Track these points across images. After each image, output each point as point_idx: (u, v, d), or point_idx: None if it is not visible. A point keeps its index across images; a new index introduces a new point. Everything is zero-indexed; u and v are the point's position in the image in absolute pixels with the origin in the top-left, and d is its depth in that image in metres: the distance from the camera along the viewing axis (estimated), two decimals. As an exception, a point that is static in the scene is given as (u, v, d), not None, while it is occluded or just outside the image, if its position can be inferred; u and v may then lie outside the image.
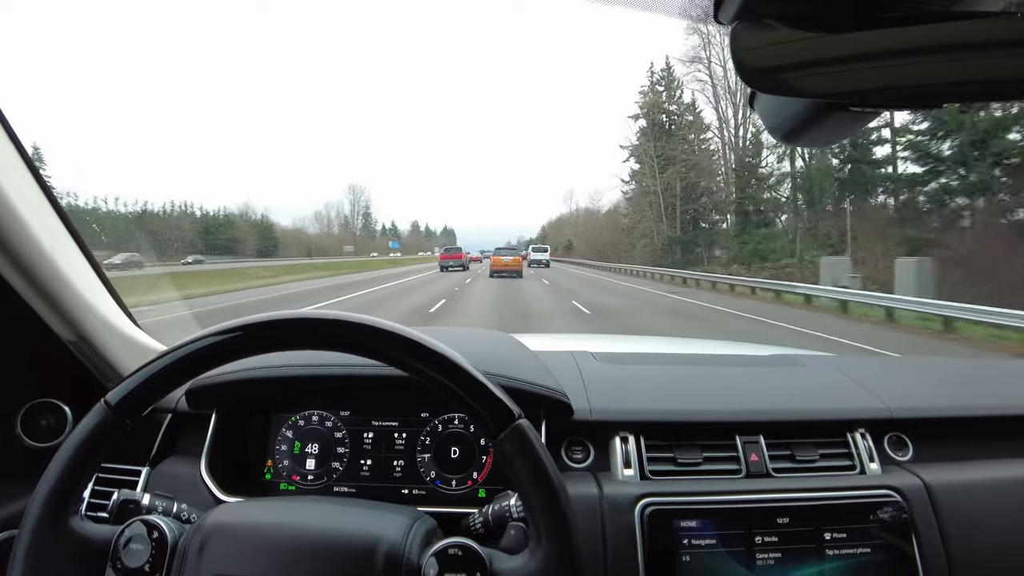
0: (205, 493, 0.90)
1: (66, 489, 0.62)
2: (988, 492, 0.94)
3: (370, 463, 0.98)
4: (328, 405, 1.00)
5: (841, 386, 1.12)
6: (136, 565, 0.62)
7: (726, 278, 21.45)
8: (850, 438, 0.99)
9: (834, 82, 0.43)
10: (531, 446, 0.62)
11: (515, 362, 1.00)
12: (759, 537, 0.84)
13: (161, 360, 0.64)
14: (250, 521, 0.66)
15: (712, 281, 21.42)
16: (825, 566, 0.84)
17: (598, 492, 0.88)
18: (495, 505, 0.76)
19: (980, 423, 1.06)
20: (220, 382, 0.94)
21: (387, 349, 0.63)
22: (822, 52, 0.42)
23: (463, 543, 0.61)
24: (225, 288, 17.72)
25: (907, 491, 0.90)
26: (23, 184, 0.86)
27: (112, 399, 0.63)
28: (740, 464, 0.94)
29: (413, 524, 0.66)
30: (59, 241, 0.92)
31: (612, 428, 0.97)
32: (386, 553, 0.61)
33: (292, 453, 0.99)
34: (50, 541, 0.61)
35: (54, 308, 0.92)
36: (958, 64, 0.42)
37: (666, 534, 0.84)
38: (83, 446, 0.63)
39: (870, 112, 0.47)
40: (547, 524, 0.60)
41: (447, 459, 0.97)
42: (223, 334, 0.64)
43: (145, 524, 0.64)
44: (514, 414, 0.63)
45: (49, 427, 0.99)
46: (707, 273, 24.90)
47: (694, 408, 1.01)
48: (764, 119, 0.52)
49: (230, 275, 25.21)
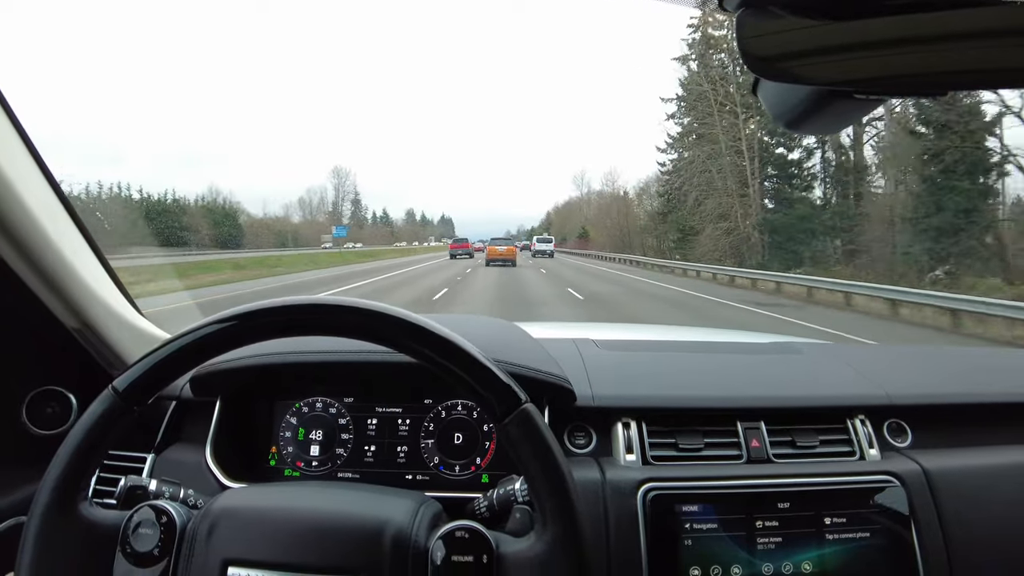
0: (211, 479, 0.91)
1: (75, 475, 0.63)
2: (986, 478, 0.95)
3: (374, 449, 0.99)
4: (332, 392, 1.01)
5: (841, 373, 1.13)
6: (145, 549, 0.63)
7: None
8: (850, 424, 1.00)
9: (838, 70, 0.43)
10: (537, 430, 0.63)
11: (518, 349, 1.00)
12: (760, 522, 0.85)
13: (168, 346, 0.64)
14: (258, 505, 0.67)
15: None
16: (825, 550, 0.85)
17: (600, 477, 0.89)
18: (500, 489, 0.77)
19: (978, 410, 1.07)
20: (224, 369, 0.95)
21: (394, 335, 0.64)
22: (827, 40, 0.42)
23: (470, 526, 0.62)
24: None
25: (906, 477, 0.91)
26: (29, 173, 0.86)
27: (120, 385, 0.64)
28: (741, 450, 0.95)
29: (420, 507, 0.66)
30: (64, 229, 0.92)
31: (614, 414, 0.98)
32: (393, 536, 0.61)
33: (296, 439, 1.00)
34: (59, 527, 0.62)
35: (59, 296, 0.92)
36: (962, 52, 0.42)
37: (668, 518, 0.85)
38: (91, 432, 0.63)
39: (874, 100, 0.47)
40: (553, 507, 0.61)
41: (451, 445, 0.98)
42: (230, 320, 0.64)
43: (153, 509, 0.65)
44: (520, 398, 0.63)
45: (54, 415, 1.00)
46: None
47: (695, 394, 1.02)
48: (768, 106, 0.53)
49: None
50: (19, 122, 0.85)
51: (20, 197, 0.82)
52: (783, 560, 0.84)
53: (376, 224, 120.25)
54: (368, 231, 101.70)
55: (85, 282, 0.95)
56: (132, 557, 0.63)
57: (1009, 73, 0.42)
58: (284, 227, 76.21)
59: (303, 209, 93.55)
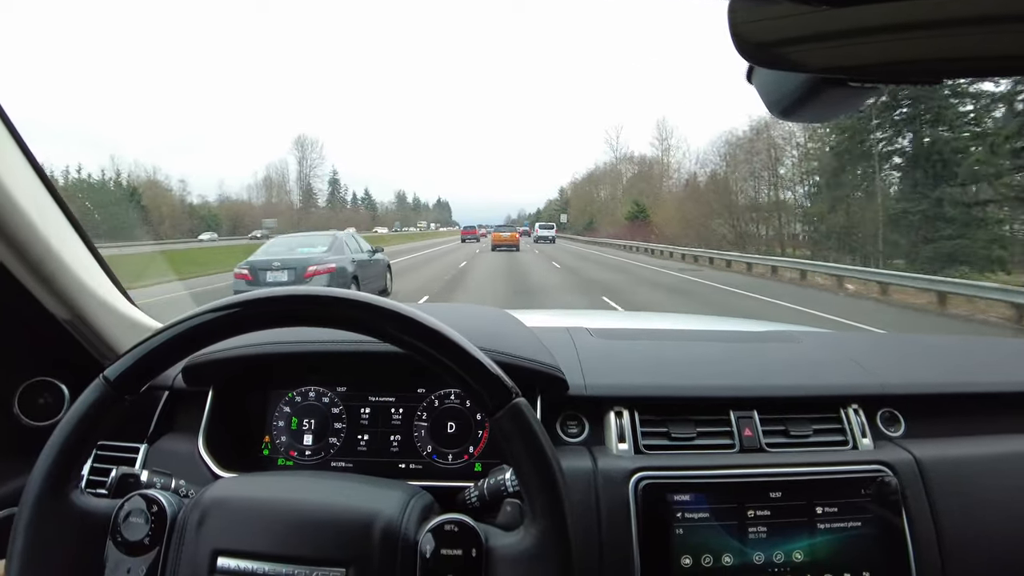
0: (203, 469, 0.91)
1: (66, 463, 0.63)
2: (978, 467, 0.96)
3: (367, 438, 0.99)
4: (325, 381, 1.01)
5: (835, 362, 1.13)
6: (136, 538, 0.63)
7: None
8: (843, 414, 1.00)
9: (834, 57, 0.42)
10: (528, 425, 0.62)
11: (511, 338, 1.00)
12: (752, 511, 0.86)
13: (160, 335, 0.64)
14: (248, 496, 0.67)
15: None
16: (816, 539, 0.85)
17: (593, 466, 0.89)
18: (490, 479, 0.77)
19: (971, 399, 1.07)
20: (217, 359, 0.95)
21: (384, 327, 0.64)
22: (822, 26, 0.42)
23: (459, 519, 0.62)
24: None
25: (898, 466, 0.92)
26: (15, 163, 0.85)
27: (111, 374, 0.64)
28: (734, 439, 0.95)
29: (410, 500, 0.66)
30: (52, 219, 0.91)
31: (607, 403, 0.98)
32: (383, 528, 0.61)
33: (289, 429, 1.00)
34: (50, 515, 0.62)
35: (49, 287, 0.92)
36: (959, 38, 0.41)
37: (660, 507, 0.86)
38: (83, 421, 0.63)
39: (869, 87, 0.46)
40: (542, 503, 0.61)
41: (444, 434, 0.98)
42: (222, 310, 0.64)
43: (144, 498, 0.65)
44: (511, 393, 0.63)
45: (46, 406, 1.00)
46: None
47: (688, 383, 1.02)
48: (762, 94, 0.52)
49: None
50: (3, 110, 0.84)
51: (5, 186, 0.80)
52: (774, 549, 0.85)
53: (356, 207, 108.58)
54: (347, 215, 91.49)
55: (75, 272, 0.95)
56: (123, 546, 0.63)
57: (1005, 60, 0.42)
58: (227, 212, 65.64)
59: (269, 190, 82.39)
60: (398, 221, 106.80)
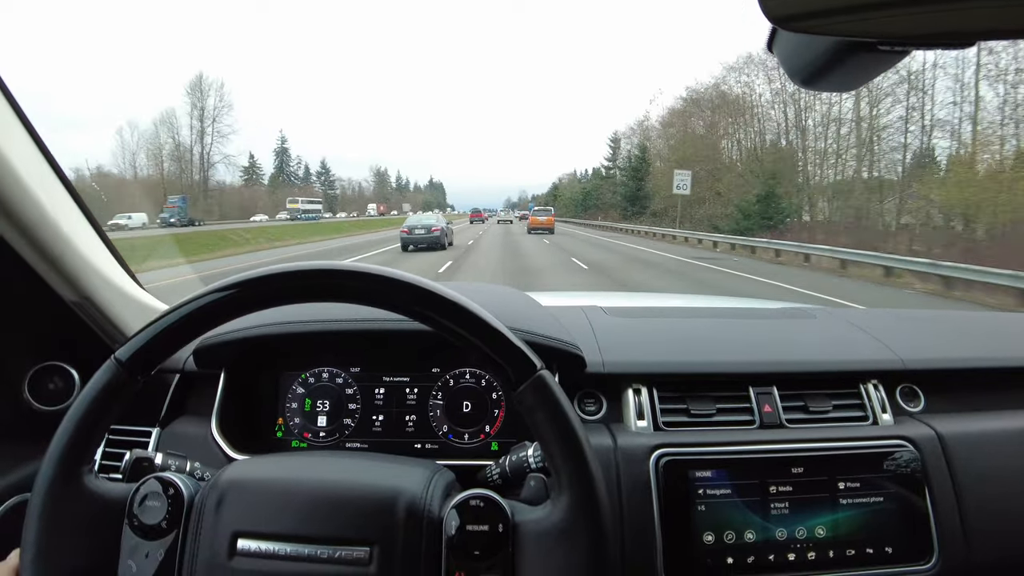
0: (216, 452, 0.90)
1: (79, 447, 0.61)
2: (1000, 442, 0.95)
3: (382, 419, 0.98)
4: (338, 362, 1.00)
5: (854, 338, 1.12)
6: (153, 522, 0.62)
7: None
8: (863, 389, 0.99)
9: (864, 20, 0.40)
10: (553, 395, 0.61)
11: (527, 316, 0.99)
12: (773, 487, 0.85)
13: (170, 315, 0.62)
14: (267, 476, 0.65)
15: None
16: (839, 515, 0.85)
17: (612, 443, 0.88)
18: (512, 456, 0.76)
19: (992, 374, 1.06)
20: (227, 340, 0.93)
21: (406, 301, 0.62)
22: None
23: (485, 494, 0.61)
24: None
25: (920, 441, 0.91)
26: (23, 145, 0.84)
27: (123, 355, 0.62)
28: (754, 415, 0.94)
29: (433, 476, 0.65)
30: (59, 202, 0.90)
31: (624, 380, 0.97)
32: (407, 505, 0.60)
33: (303, 410, 0.99)
34: (64, 499, 0.60)
35: (57, 270, 0.90)
36: (993, 2, 0.39)
37: (681, 484, 0.85)
38: (95, 403, 0.62)
39: (899, 51, 0.44)
40: (569, 473, 0.60)
41: (459, 413, 0.97)
42: (234, 288, 0.62)
43: (160, 481, 0.63)
44: (535, 364, 0.62)
45: (57, 390, 0.99)
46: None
47: (707, 360, 1.00)
48: (783, 61, 0.50)
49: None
50: (10, 92, 0.82)
51: (14, 170, 0.79)
52: (797, 525, 0.84)
53: (310, 183, 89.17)
54: (296, 191, 71.98)
55: (83, 255, 0.93)
56: (140, 530, 0.62)
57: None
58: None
59: (179, 162, 62.35)
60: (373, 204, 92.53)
